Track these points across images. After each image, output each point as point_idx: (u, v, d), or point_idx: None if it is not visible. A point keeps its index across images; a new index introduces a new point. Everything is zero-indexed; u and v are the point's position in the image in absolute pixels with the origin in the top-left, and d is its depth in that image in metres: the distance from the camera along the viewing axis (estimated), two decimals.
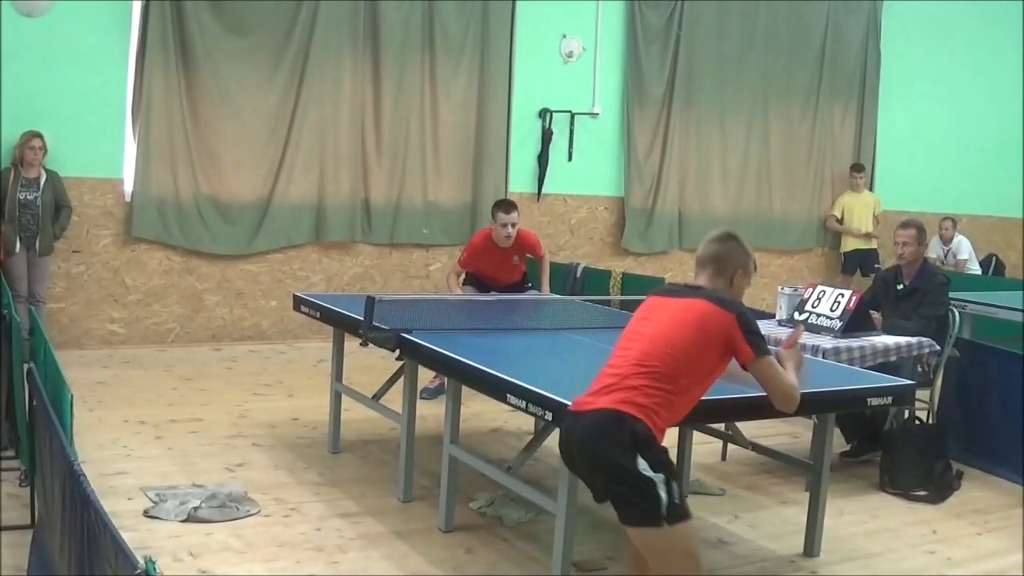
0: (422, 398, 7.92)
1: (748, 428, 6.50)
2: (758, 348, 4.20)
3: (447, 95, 11.83)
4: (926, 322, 7.55)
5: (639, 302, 4.55)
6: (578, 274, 11.36)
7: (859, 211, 14.57)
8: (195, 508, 5.84)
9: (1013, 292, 11.11)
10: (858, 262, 14.48)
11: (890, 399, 5.48)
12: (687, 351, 4.12)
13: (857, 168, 14.74)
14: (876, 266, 13.64)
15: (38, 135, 9.35)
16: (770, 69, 14.14)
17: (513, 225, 8.80)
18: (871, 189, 14.93)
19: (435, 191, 11.87)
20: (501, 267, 9.08)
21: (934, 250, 14.28)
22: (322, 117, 11.13)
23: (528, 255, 9.24)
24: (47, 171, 9.44)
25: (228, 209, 10.73)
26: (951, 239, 14.44)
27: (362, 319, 6.13)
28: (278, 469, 6.81)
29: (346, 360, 7.40)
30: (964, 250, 14.46)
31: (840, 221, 14.70)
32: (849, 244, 14.67)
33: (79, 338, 10.10)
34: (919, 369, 7.53)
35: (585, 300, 8.46)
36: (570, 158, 12.78)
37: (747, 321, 4.21)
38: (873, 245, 14.36)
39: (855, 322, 7.23)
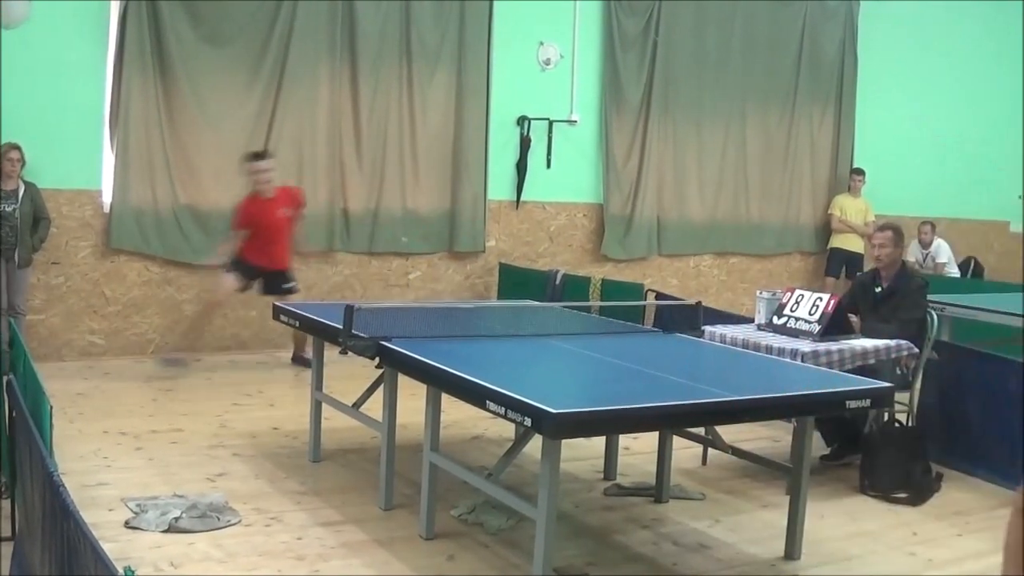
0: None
1: (728, 432, 6.52)
2: None
3: (425, 103, 11.83)
4: (904, 325, 7.57)
5: (618, 308, 4.57)
6: (557, 281, 11.36)
7: (853, 214, 14.63)
8: (176, 518, 5.83)
9: (992, 295, 11.16)
10: (842, 263, 14.52)
11: (868, 401, 5.49)
12: None
13: (857, 171, 14.80)
14: (859, 274, 13.68)
15: (16, 147, 9.32)
16: (747, 74, 14.18)
17: (266, 171, 9.69)
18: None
19: (414, 199, 11.86)
20: (271, 219, 9.81)
21: (913, 254, 14.35)
22: (299, 126, 11.12)
23: (295, 208, 10.08)
24: (25, 183, 9.41)
25: (207, 219, 10.70)
26: (930, 243, 14.51)
27: (341, 328, 6.13)
28: (259, 479, 6.80)
29: (326, 369, 7.39)
30: (943, 254, 14.53)
31: None
32: (835, 241, 14.72)
33: (59, 350, 10.08)
34: (898, 372, 7.55)
35: (564, 307, 8.47)
36: (549, 165, 12.79)
37: None
38: (862, 250, 14.37)
39: (833, 325, 7.25)
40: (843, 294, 8.11)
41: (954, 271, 14.73)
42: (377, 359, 6.03)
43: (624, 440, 7.48)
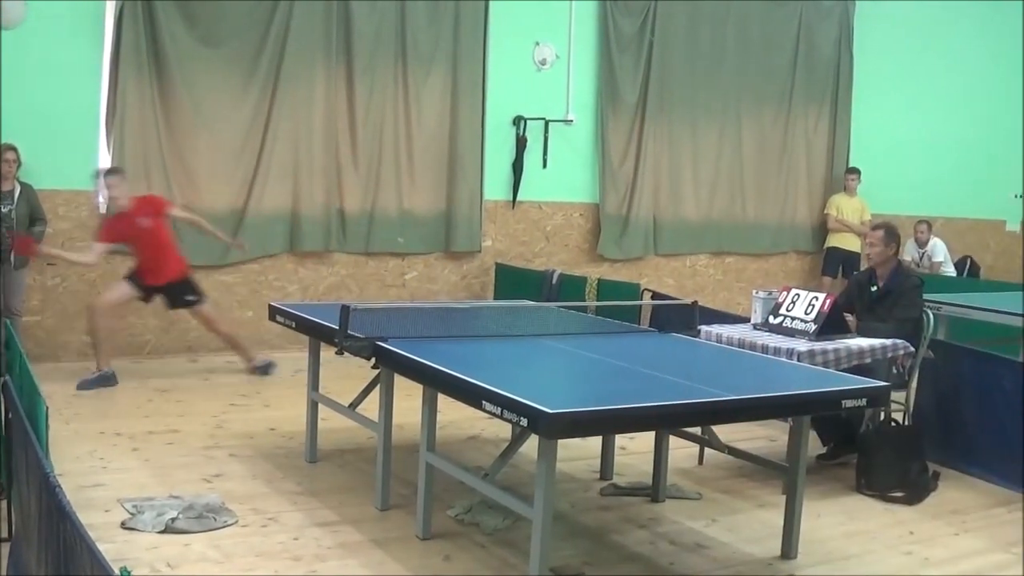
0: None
1: (724, 432, 6.53)
2: None
3: (420, 104, 11.83)
4: (901, 324, 7.58)
5: (615, 308, 4.57)
6: (554, 281, 11.37)
7: (849, 213, 14.64)
8: (172, 519, 5.83)
9: (988, 294, 11.17)
10: (838, 262, 14.53)
11: (864, 400, 5.49)
12: None
13: (852, 171, 14.82)
14: (855, 273, 13.68)
15: (12, 148, 9.31)
16: (743, 74, 14.19)
17: (114, 187, 9.39)
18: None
19: (410, 200, 11.86)
20: (134, 232, 9.41)
21: (909, 253, 14.35)
22: (295, 127, 11.12)
23: (158, 214, 9.58)
24: (21, 184, 9.40)
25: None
26: (926, 242, 14.51)
27: (338, 328, 6.13)
28: (255, 479, 6.80)
29: (322, 369, 7.39)
30: (939, 252, 14.53)
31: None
32: (831, 241, 14.73)
33: (55, 351, 10.07)
34: (894, 371, 7.55)
35: (561, 307, 8.47)
36: (545, 165, 12.80)
37: None
38: (858, 249, 14.37)
39: (829, 325, 7.24)
40: (839, 293, 8.10)
41: (950, 270, 14.73)
42: (373, 359, 6.02)
43: (620, 440, 7.49)
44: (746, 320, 8.19)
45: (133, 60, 10.20)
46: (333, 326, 6.24)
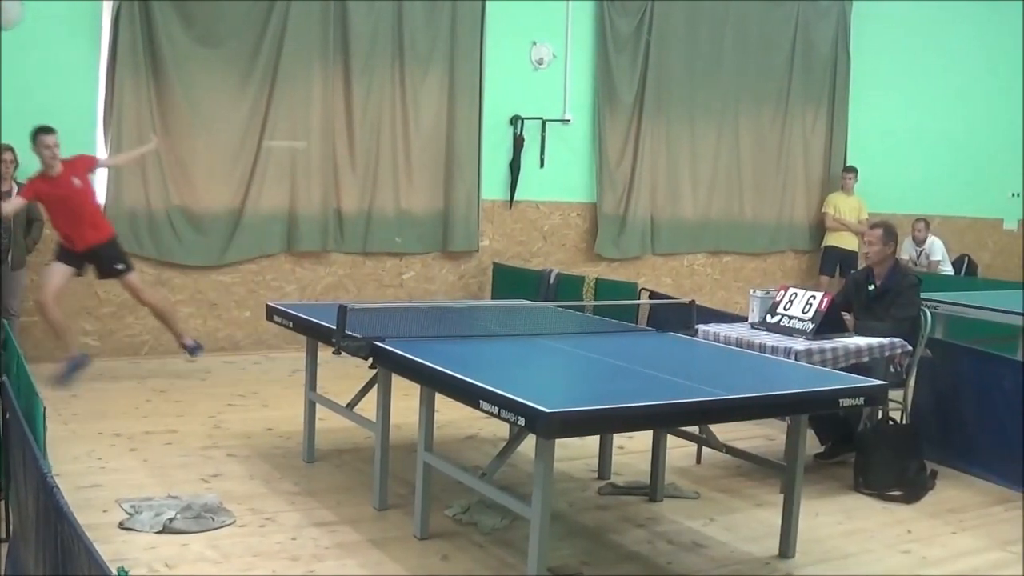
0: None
1: (722, 431, 6.53)
2: None
3: (418, 103, 11.83)
4: (898, 323, 7.58)
5: (612, 308, 4.56)
6: (551, 280, 11.37)
7: (847, 212, 14.64)
8: (170, 519, 5.83)
9: (986, 292, 11.18)
10: (836, 261, 14.54)
11: (862, 399, 5.49)
12: None
13: (849, 169, 14.83)
14: (852, 272, 13.69)
15: (9, 148, 9.30)
16: (740, 74, 14.21)
17: (56, 146, 9.08)
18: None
19: (407, 199, 11.86)
20: (65, 192, 9.19)
21: (907, 251, 14.36)
22: (292, 127, 11.12)
23: (87, 172, 9.46)
24: (18, 184, 9.39)
25: (200, 220, 10.71)
26: (924, 240, 14.51)
27: (335, 328, 6.13)
28: (253, 479, 6.80)
29: (320, 369, 7.40)
30: (937, 251, 14.54)
31: None
32: (829, 240, 14.73)
33: (52, 351, 10.03)
34: (892, 370, 7.55)
35: (558, 306, 8.47)
36: (542, 165, 12.80)
37: None
38: (855, 248, 14.37)
39: (827, 324, 7.25)
40: (837, 292, 8.10)
41: (948, 269, 14.74)
42: (371, 359, 6.02)
43: (618, 439, 7.49)
44: (744, 319, 8.19)
45: (130, 60, 10.20)
46: (331, 326, 6.23)
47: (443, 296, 12.16)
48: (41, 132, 9.04)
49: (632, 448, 7.74)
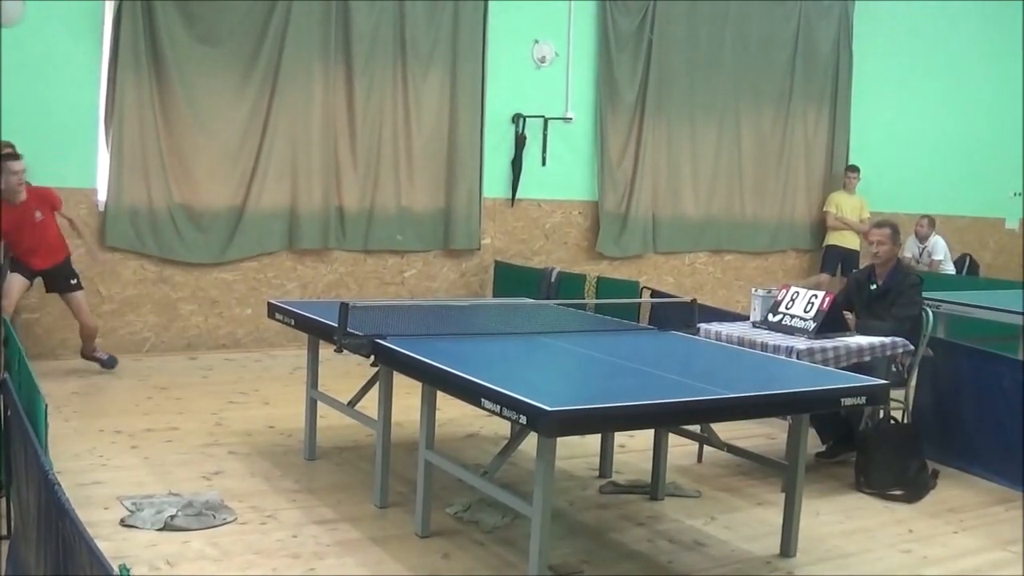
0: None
1: (723, 430, 6.52)
2: None
3: (419, 101, 11.83)
4: (899, 322, 7.57)
5: (614, 306, 4.56)
6: (553, 279, 11.36)
7: (849, 211, 14.64)
8: (171, 517, 5.83)
9: (987, 292, 11.17)
10: (837, 260, 14.54)
11: (864, 399, 5.49)
12: None
13: (851, 168, 14.83)
14: (854, 271, 13.68)
15: (9, 146, 9.29)
16: (742, 73, 14.20)
17: (23, 172, 8.98)
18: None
19: (408, 197, 11.86)
20: (30, 225, 9.12)
21: (910, 248, 14.37)
22: (294, 125, 11.12)
23: (52, 209, 9.33)
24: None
25: (201, 218, 10.72)
26: (927, 236, 14.51)
27: (337, 326, 6.13)
28: (254, 477, 6.80)
29: (321, 367, 7.39)
30: (939, 250, 14.53)
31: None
32: (831, 238, 14.72)
33: (54, 348, 10.07)
34: (893, 369, 7.56)
35: (560, 304, 8.47)
36: (544, 163, 12.81)
37: None
38: (857, 247, 14.37)
39: (828, 323, 7.25)
40: (838, 291, 8.10)
41: (949, 268, 14.74)
42: (372, 357, 6.02)
43: (619, 438, 7.48)
44: (745, 318, 8.19)
45: (131, 59, 10.20)
46: (332, 324, 6.23)
47: (444, 294, 12.16)
48: (8, 159, 8.92)
49: (633, 447, 7.74)
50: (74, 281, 9.49)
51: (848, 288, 8.30)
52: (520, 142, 12.57)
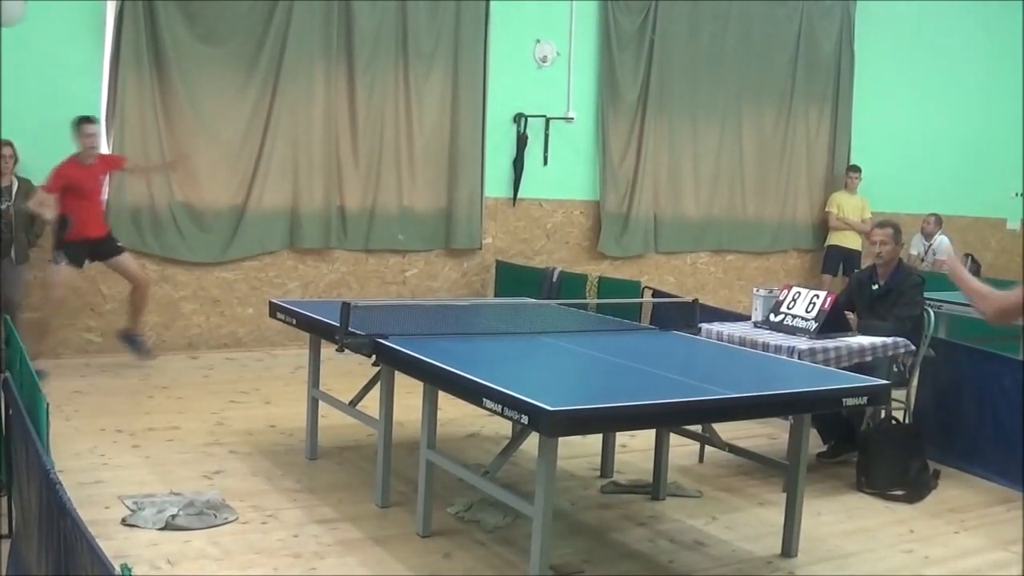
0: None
1: (725, 429, 6.52)
2: None
3: (421, 101, 11.83)
4: (901, 322, 7.58)
5: (615, 306, 4.55)
6: (554, 278, 11.36)
7: (850, 211, 14.63)
8: (173, 516, 5.83)
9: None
10: (839, 260, 14.52)
11: (865, 399, 5.50)
12: None
13: (853, 168, 14.82)
14: (855, 271, 13.67)
15: (8, 144, 9.29)
16: (743, 72, 14.20)
17: (96, 136, 9.65)
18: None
19: (410, 197, 11.86)
20: (91, 185, 9.62)
21: (915, 246, 14.37)
22: (295, 124, 11.11)
23: (109, 171, 10.02)
24: (19, 179, 9.39)
25: (202, 217, 10.72)
26: (933, 234, 14.49)
27: (338, 325, 6.13)
28: (255, 476, 6.80)
29: (323, 367, 7.39)
30: (943, 251, 14.50)
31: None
32: (832, 238, 14.71)
33: (55, 347, 10.05)
34: (895, 369, 7.56)
35: (561, 304, 8.46)
36: (545, 163, 12.80)
37: None
38: (859, 247, 14.36)
39: (830, 323, 7.25)
40: (840, 291, 8.10)
41: None
42: (374, 357, 6.02)
43: (621, 438, 7.49)
44: (747, 318, 8.19)
45: (133, 58, 10.20)
46: (334, 323, 6.23)
47: (446, 294, 12.16)
48: (84, 121, 9.49)
49: (634, 446, 7.74)
50: (120, 244, 9.92)
51: (850, 288, 8.30)
52: (522, 142, 12.56)
